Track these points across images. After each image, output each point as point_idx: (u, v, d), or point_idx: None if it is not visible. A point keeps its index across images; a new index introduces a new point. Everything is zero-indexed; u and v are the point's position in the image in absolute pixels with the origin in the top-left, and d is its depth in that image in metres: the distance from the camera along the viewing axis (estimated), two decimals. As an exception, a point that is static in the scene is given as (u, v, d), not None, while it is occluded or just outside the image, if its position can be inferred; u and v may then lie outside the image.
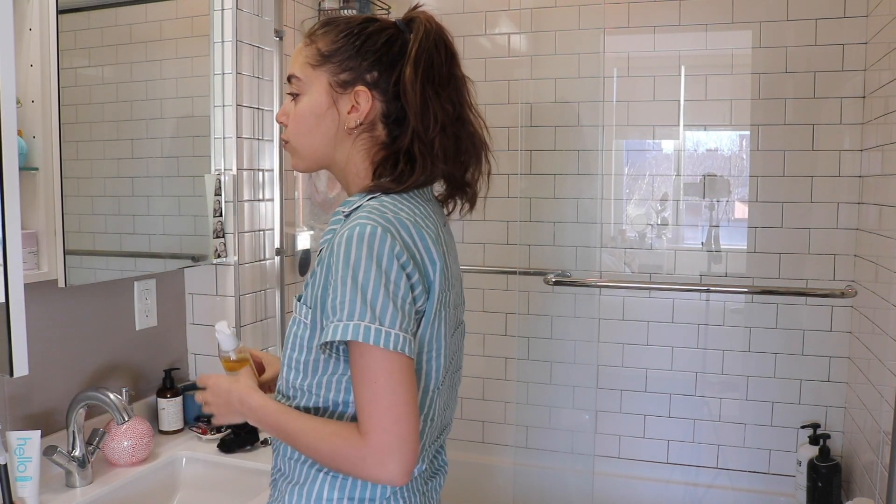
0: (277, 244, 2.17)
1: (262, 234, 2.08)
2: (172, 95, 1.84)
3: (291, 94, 1.04)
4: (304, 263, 2.36)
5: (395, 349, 0.86)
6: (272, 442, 1.06)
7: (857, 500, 2.07)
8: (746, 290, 2.48)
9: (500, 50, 2.72)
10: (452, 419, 1.11)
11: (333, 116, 1.00)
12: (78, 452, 1.48)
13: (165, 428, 1.80)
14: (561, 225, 2.69)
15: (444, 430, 1.08)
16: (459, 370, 1.12)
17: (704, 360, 2.57)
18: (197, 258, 1.88)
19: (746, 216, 2.52)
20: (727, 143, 2.54)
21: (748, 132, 2.50)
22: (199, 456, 1.70)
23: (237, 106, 1.93)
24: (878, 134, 2.17)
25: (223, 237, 1.92)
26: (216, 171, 1.92)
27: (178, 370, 1.91)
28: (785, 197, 2.45)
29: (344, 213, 0.98)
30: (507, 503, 2.69)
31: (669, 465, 2.63)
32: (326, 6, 2.39)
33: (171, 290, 1.93)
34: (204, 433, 1.77)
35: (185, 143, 1.89)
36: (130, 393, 1.67)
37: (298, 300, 0.99)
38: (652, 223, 2.63)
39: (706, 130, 2.56)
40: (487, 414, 2.82)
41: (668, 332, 2.59)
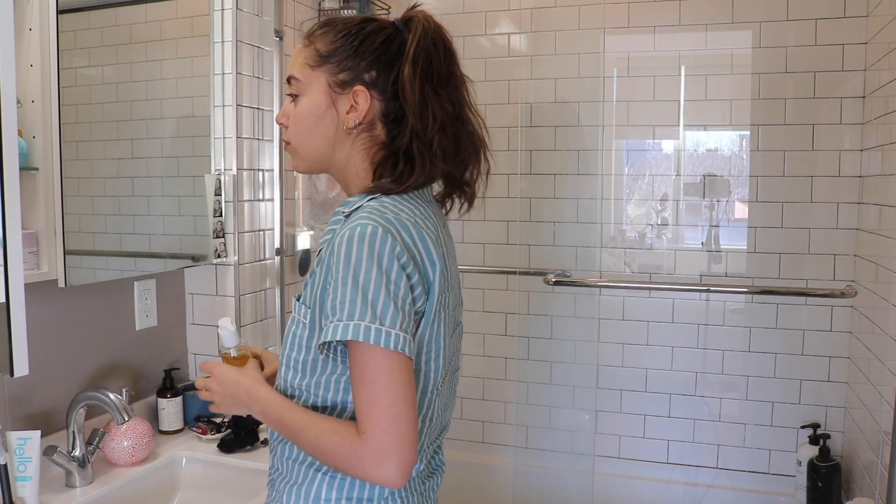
0: (277, 244, 2.17)
1: (262, 234, 2.09)
2: (172, 95, 1.84)
3: (291, 95, 1.04)
4: (304, 263, 2.37)
5: (395, 349, 0.86)
6: (270, 442, 1.07)
7: (857, 500, 2.07)
8: (746, 290, 2.48)
9: (500, 50, 2.72)
10: (450, 420, 1.12)
11: (332, 116, 1.00)
12: (78, 452, 1.48)
13: (165, 428, 1.80)
14: (561, 225, 2.69)
15: (442, 430, 1.08)
16: (458, 371, 1.12)
17: (704, 360, 2.57)
18: (197, 258, 1.88)
19: (746, 216, 2.52)
20: (727, 143, 2.54)
21: (748, 132, 2.49)
22: (199, 456, 1.70)
23: (237, 106, 1.93)
24: (878, 134, 2.17)
25: (223, 237, 1.92)
26: (216, 171, 1.92)
27: (178, 370, 1.91)
28: (785, 197, 2.45)
29: (344, 213, 0.98)
30: (507, 503, 2.69)
31: (669, 465, 2.63)
32: (326, 6, 2.39)
33: (171, 290, 1.93)
34: (204, 433, 1.77)
35: (185, 143, 1.89)
36: (130, 393, 1.67)
37: (297, 300, 0.99)
38: (652, 223, 2.63)
39: (706, 130, 2.56)
40: (487, 414, 2.82)
41: (668, 332, 2.59)
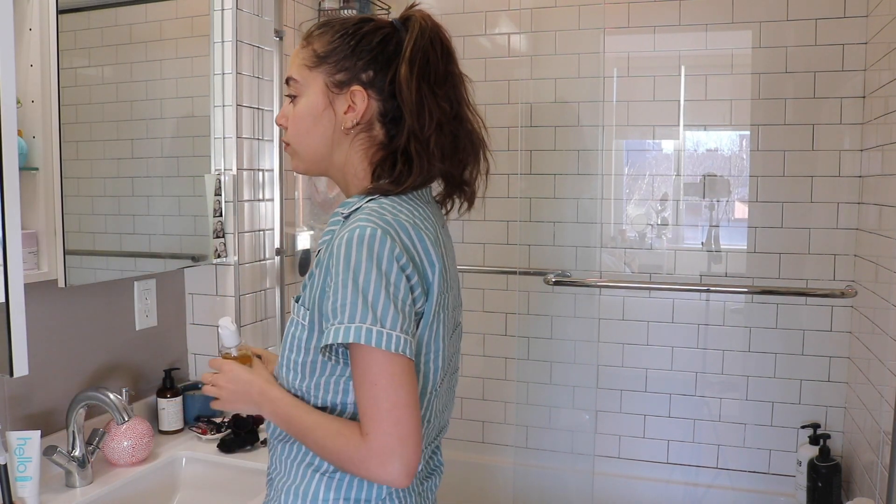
0: (277, 244, 2.17)
1: (262, 234, 2.09)
2: (172, 95, 1.84)
3: (290, 96, 1.04)
4: (303, 263, 2.37)
5: (396, 351, 0.86)
6: (269, 441, 1.07)
7: (857, 500, 2.07)
8: (746, 290, 2.48)
9: (499, 50, 2.72)
10: (449, 420, 1.12)
11: (330, 117, 1.00)
12: (78, 452, 1.48)
13: (165, 428, 1.80)
14: (561, 225, 2.69)
15: (440, 431, 1.08)
16: (457, 372, 1.12)
17: (704, 360, 2.57)
18: (197, 258, 1.88)
19: (746, 216, 2.52)
20: (727, 143, 2.54)
21: (748, 132, 2.49)
22: (198, 456, 1.71)
23: (237, 106, 1.93)
24: (878, 134, 2.17)
25: (223, 237, 1.93)
26: (216, 171, 1.92)
27: (178, 370, 1.91)
28: (785, 197, 2.45)
29: (343, 214, 0.98)
30: (506, 503, 2.69)
31: (669, 465, 2.63)
32: (326, 6, 2.39)
33: (171, 290, 1.93)
34: (204, 433, 1.77)
35: (185, 143, 1.89)
36: (130, 393, 1.67)
37: (296, 301, 0.99)
38: (652, 223, 2.62)
39: (706, 130, 2.56)
40: (487, 414, 2.82)
41: (668, 332, 2.59)
